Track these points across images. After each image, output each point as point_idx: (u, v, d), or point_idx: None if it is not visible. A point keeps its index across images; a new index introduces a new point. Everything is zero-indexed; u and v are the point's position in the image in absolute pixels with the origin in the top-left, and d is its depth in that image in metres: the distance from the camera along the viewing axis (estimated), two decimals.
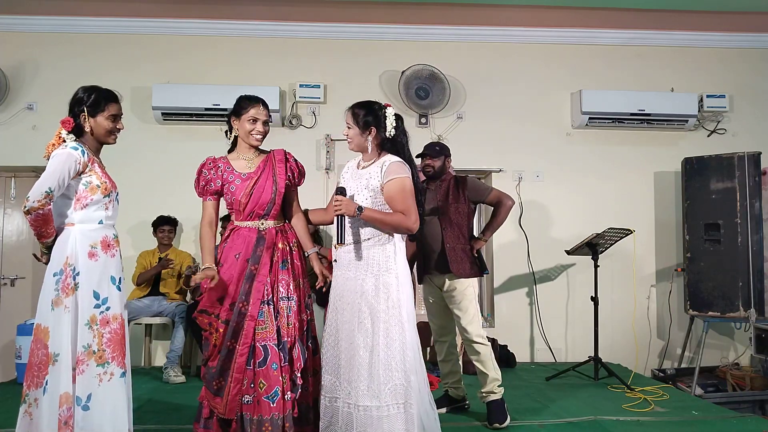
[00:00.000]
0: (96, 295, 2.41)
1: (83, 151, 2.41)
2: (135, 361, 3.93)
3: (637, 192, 5.47)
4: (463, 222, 3.48)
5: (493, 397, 3.35)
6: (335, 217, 2.67)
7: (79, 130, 2.49)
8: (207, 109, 5.03)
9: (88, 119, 2.49)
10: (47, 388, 2.32)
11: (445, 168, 3.60)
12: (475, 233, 3.70)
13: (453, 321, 3.51)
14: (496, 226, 3.59)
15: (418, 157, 3.28)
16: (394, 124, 2.72)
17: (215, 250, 2.75)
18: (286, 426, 2.55)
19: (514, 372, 4.81)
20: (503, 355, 4.92)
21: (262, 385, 2.56)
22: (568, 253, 4.67)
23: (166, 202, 4.95)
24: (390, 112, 2.72)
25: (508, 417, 3.33)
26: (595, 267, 4.52)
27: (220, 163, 2.78)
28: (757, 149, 4.87)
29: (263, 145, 2.83)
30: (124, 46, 5.25)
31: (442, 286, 3.45)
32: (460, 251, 3.41)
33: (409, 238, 3.00)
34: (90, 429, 2.34)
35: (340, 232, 2.67)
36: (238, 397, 2.57)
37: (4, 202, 5.44)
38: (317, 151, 5.33)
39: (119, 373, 2.42)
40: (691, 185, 5.01)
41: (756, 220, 4.74)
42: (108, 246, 2.48)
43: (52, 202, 2.37)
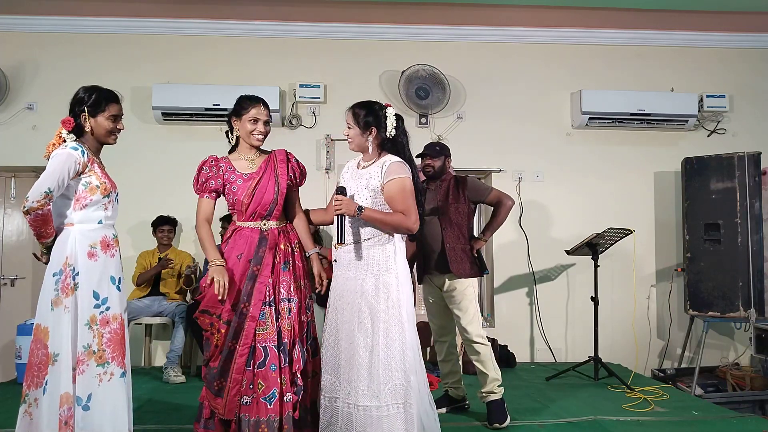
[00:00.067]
0: (96, 295, 2.40)
1: (83, 152, 2.41)
2: (135, 361, 3.93)
3: (637, 192, 5.47)
4: (463, 222, 3.48)
5: (493, 397, 3.35)
6: (335, 217, 2.67)
7: (80, 130, 2.49)
8: (207, 109, 5.03)
9: (88, 119, 2.48)
10: (47, 388, 2.32)
11: (445, 168, 3.60)
12: (475, 233, 3.70)
13: (453, 321, 3.50)
14: (496, 226, 3.59)
15: (418, 157, 3.27)
16: (395, 124, 2.72)
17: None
18: (285, 428, 2.55)
19: (514, 372, 4.81)
20: (503, 355, 4.92)
21: (261, 386, 2.56)
22: (568, 253, 4.66)
23: (166, 202, 4.95)
24: (390, 112, 2.72)
25: (508, 417, 3.33)
26: (595, 267, 4.52)
27: (221, 163, 2.77)
28: (757, 149, 4.87)
29: (264, 145, 2.82)
30: (124, 46, 5.25)
31: (442, 286, 3.44)
32: (460, 251, 3.41)
33: (409, 238, 3.00)
34: (90, 429, 2.34)
35: (340, 232, 2.67)
36: (237, 398, 2.56)
37: (4, 202, 5.43)
38: (317, 151, 5.33)
39: (119, 373, 2.42)
40: (691, 185, 5.01)
41: (756, 220, 4.74)
42: (107, 246, 2.48)
43: (52, 203, 2.37)
